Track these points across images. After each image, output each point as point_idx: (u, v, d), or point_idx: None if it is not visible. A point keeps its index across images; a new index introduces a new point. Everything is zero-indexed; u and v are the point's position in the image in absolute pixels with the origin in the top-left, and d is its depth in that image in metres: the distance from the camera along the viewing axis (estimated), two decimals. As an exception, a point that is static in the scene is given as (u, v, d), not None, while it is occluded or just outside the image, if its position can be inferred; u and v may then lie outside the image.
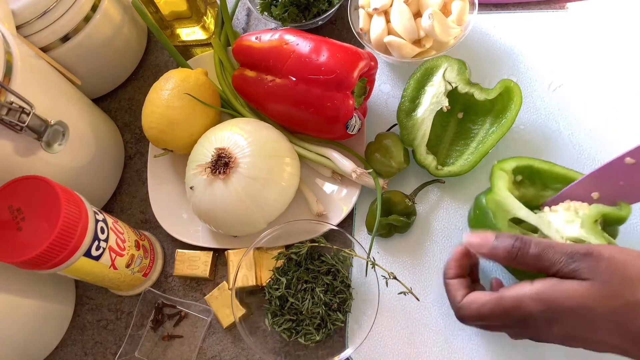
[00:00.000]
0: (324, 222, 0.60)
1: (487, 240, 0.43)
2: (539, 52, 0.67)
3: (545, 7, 0.70)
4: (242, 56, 0.65)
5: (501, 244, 0.42)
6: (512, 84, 0.59)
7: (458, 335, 0.56)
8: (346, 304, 0.58)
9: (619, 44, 0.66)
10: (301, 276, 0.58)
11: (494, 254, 0.42)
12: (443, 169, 0.60)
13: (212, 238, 0.65)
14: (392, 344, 0.57)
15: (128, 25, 0.73)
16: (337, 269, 0.59)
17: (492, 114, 0.62)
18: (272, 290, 0.58)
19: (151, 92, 0.65)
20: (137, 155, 0.74)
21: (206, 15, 0.75)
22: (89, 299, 0.67)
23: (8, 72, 0.51)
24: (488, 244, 0.42)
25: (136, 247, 0.61)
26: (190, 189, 0.60)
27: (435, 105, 0.61)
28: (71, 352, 0.65)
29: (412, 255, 0.60)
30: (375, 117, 0.68)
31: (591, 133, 0.62)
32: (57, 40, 0.63)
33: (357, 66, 0.57)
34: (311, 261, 0.59)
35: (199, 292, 0.65)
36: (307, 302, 0.56)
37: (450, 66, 0.61)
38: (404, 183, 0.64)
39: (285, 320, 0.57)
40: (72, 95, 0.64)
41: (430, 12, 0.61)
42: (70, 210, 0.51)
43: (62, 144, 0.56)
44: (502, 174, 0.54)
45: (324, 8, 0.69)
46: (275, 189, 0.58)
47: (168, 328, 0.63)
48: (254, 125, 0.61)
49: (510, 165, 0.55)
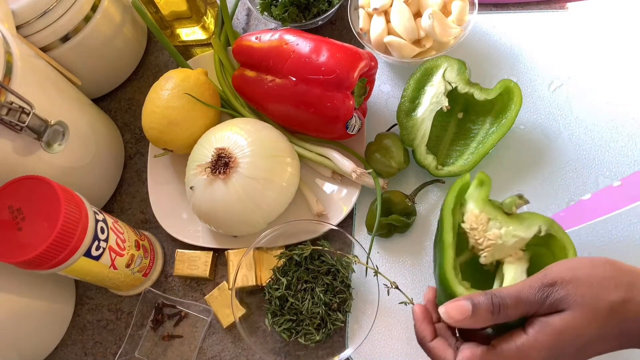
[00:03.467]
0: (324, 222, 0.60)
1: (465, 311, 0.40)
2: (539, 52, 0.67)
3: (545, 7, 0.70)
4: (242, 56, 0.65)
5: (480, 307, 0.40)
6: (512, 84, 0.59)
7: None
8: (346, 304, 0.58)
9: (619, 44, 0.65)
10: (301, 276, 0.58)
11: (477, 321, 0.40)
12: (443, 169, 0.60)
13: (212, 238, 0.65)
14: (392, 344, 0.57)
15: (128, 25, 0.72)
16: (337, 269, 0.59)
17: (492, 114, 0.62)
18: (272, 291, 0.58)
19: (151, 92, 0.65)
20: (137, 155, 0.74)
21: (206, 15, 0.75)
22: (89, 299, 0.67)
23: (8, 72, 0.51)
24: (468, 313, 0.40)
25: (136, 247, 0.61)
26: (190, 189, 0.60)
27: (435, 105, 0.61)
28: (71, 352, 0.65)
29: (412, 255, 0.60)
30: (375, 117, 0.68)
31: (591, 133, 0.62)
32: (57, 40, 0.63)
33: (357, 66, 0.57)
34: (311, 261, 0.59)
35: (199, 292, 0.65)
36: (307, 302, 0.56)
37: (450, 66, 0.61)
38: (404, 183, 0.64)
39: (285, 320, 0.57)
40: (72, 95, 0.64)
41: (430, 12, 0.61)
42: (70, 210, 0.51)
43: (62, 144, 0.56)
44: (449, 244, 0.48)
45: (324, 8, 0.69)
46: (275, 189, 0.58)
47: (168, 328, 0.63)
48: (254, 125, 0.61)
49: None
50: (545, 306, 0.39)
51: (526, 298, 0.39)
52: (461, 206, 0.51)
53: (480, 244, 0.48)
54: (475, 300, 0.40)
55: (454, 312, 0.41)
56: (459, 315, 0.40)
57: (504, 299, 0.40)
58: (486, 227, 0.47)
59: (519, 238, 0.46)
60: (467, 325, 0.40)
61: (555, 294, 0.38)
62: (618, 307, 0.37)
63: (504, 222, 0.47)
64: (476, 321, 0.40)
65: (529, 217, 0.47)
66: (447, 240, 0.48)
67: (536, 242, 0.48)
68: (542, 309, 0.39)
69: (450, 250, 0.48)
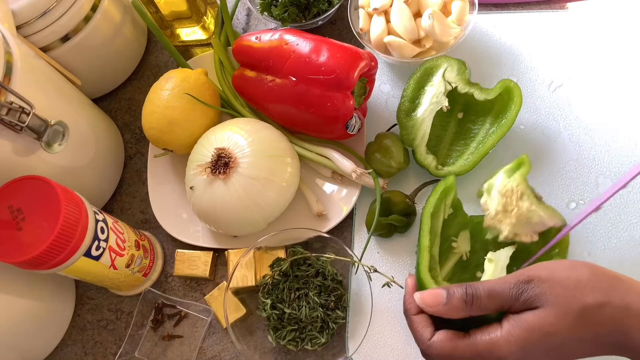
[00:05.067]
0: (318, 231, 0.60)
1: (439, 298, 0.42)
2: (539, 52, 0.67)
3: (545, 7, 0.70)
4: (242, 56, 0.65)
5: (454, 296, 0.41)
6: (512, 84, 0.59)
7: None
8: (343, 300, 0.58)
9: (619, 44, 0.65)
10: (292, 285, 0.58)
11: (450, 308, 0.41)
12: (443, 169, 0.60)
13: (212, 238, 0.65)
14: (392, 344, 0.57)
15: (128, 25, 0.72)
16: (324, 267, 0.59)
17: (492, 114, 0.62)
18: (262, 312, 0.58)
19: (151, 92, 0.65)
20: (137, 155, 0.74)
21: (206, 15, 0.75)
22: (89, 299, 0.67)
23: (8, 72, 0.51)
24: (442, 300, 0.42)
25: (136, 247, 0.61)
26: (190, 189, 0.60)
27: (435, 105, 0.61)
28: (71, 352, 0.65)
29: (412, 255, 0.60)
30: (375, 117, 0.68)
31: (591, 133, 0.62)
32: (57, 40, 0.63)
33: (357, 66, 0.57)
34: (297, 267, 0.59)
35: (199, 292, 0.65)
36: (303, 309, 0.56)
37: (450, 66, 0.61)
38: (404, 183, 0.64)
39: (288, 331, 0.57)
40: (72, 95, 0.64)
41: (430, 12, 0.61)
42: (70, 210, 0.51)
43: (62, 144, 0.56)
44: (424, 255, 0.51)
45: (324, 8, 0.69)
46: (275, 189, 0.58)
47: (168, 328, 0.64)
48: (254, 125, 0.61)
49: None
50: (519, 302, 0.39)
51: (500, 291, 0.40)
52: (446, 207, 0.54)
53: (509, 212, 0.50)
54: (451, 290, 0.42)
55: (429, 298, 0.42)
56: (433, 302, 0.42)
57: (478, 289, 0.41)
58: (519, 199, 0.50)
59: (542, 221, 0.49)
60: (440, 313, 0.42)
61: (530, 291, 0.39)
62: (593, 309, 0.37)
63: (534, 202, 0.50)
64: (449, 309, 0.41)
65: (553, 210, 0.50)
66: (423, 243, 0.52)
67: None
68: (516, 305, 0.39)
69: (426, 252, 0.51)
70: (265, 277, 0.59)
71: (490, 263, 0.50)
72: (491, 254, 0.51)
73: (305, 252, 0.59)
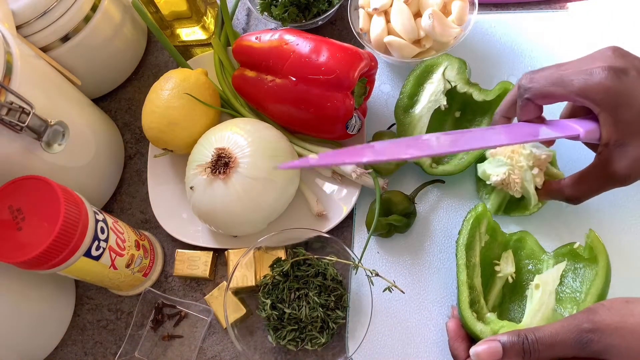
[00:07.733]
0: (318, 231, 0.59)
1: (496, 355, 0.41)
2: (539, 52, 0.67)
3: (545, 7, 0.70)
4: (242, 56, 0.65)
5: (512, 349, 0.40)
6: (511, 86, 0.59)
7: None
8: (343, 299, 0.58)
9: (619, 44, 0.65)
10: (292, 285, 0.58)
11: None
12: (437, 168, 0.60)
13: (212, 238, 0.65)
14: (392, 344, 0.57)
15: (128, 25, 0.72)
16: (324, 268, 0.59)
17: (489, 114, 0.62)
18: (261, 312, 0.58)
19: (151, 92, 0.65)
20: (137, 155, 0.74)
21: (206, 15, 0.75)
22: (89, 299, 0.67)
23: (8, 72, 0.51)
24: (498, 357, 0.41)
25: (136, 247, 0.61)
26: (190, 189, 0.60)
27: (434, 103, 0.61)
28: (71, 352, 0.65)
29: (412, 255, 0.60)
30: (375, 117, 0.68)
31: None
32: (57, 40, 0.63)
33: (357, 66, 0.57)
34: (298, 268, 0.59)
35: (199, 292, 0.65)
36: (304, 309, 0.56)
37: (451, 65, 0.61)
38: (404, 183, 0.64)
39: (288, 331, 0.57)
40: (72, 95, 0.64)
41: (430, 12, 0.61)
42: (70, 210, 0.51)
43: (62, 144, 0.56)
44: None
45: (324, 8, 0.69)
46: (275, 189, 0.58)
47: (168, 328, 0.64)
48: (254, 125, 0.61)
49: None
50: (585, 352, 0.37)
51: (561, 342, 0.38)
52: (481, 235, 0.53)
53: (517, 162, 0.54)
54: (507, 343, 0.41)
55: (485, 354, 0.41)
56: (489, 358, 0.41)
57: (534, 343, 0.39)
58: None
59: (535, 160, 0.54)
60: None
61: (597, 343, 0.37)
62: None
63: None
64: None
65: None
66: (461, 279, 0.51)
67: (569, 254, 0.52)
68: (581, 355, 0.38)
69: (464, 287, 0.50)
70: (266, 277, 0.59)
71: (537, 290, 0.48)
72: (538, 278, 0.49)
73: (307, 253, 0.59)
